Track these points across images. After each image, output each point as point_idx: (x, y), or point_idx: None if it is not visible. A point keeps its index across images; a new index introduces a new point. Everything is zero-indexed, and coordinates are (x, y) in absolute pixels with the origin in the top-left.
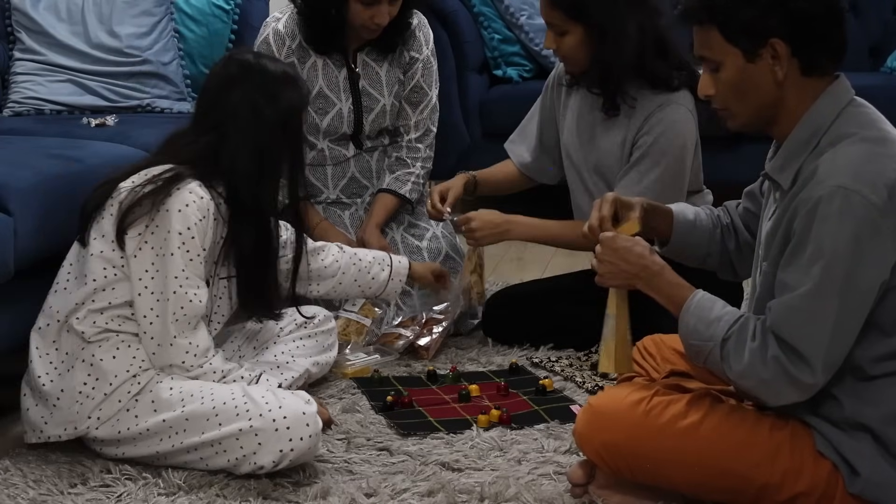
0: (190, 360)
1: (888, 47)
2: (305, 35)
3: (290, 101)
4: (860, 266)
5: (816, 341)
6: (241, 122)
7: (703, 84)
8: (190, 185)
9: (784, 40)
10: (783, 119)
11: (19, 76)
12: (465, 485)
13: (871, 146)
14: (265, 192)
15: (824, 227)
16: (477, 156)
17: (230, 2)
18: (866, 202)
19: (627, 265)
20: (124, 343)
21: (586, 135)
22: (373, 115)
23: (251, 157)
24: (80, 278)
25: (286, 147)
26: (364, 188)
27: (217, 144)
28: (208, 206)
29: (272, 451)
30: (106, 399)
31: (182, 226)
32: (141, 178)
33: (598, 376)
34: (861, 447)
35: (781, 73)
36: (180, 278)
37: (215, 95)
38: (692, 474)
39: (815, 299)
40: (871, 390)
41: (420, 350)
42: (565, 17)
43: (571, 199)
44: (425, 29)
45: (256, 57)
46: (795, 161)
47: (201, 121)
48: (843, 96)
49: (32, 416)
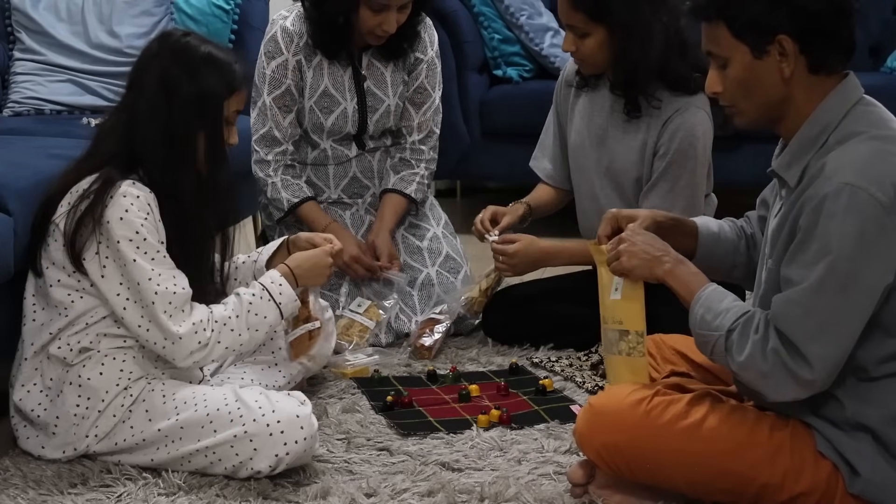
0: (203, 336)
1: (888, 47)
2: (312, 38)
3: (210, 84)
4: (864, 264)
5: (814, 337)
6: (152, 97)
7: (710, 81)
8: (122, 189)
9: (791, 37)
10: (791, 117)
11: (19, 76)
12: (465, 485)
13: (879, 144)
14: (178, 181)
15: (830, 224)
16: (477, 156)
17: (230, 2)
18: (873, 200)
19: (654, 250)
20: (108, 357)
21: (596, 137)
22: (377, 116)
23: (162, 140)
24: (47, 309)
25: (202, 134)
26: (365, 188)
27: (130, 127)
28: (147, 200)
29: (268, 455)
30: (101, 416)
31: (130, 232)
32: (73, 197)
33: (598, 376)
34: (861, 447)
35: (789, 70)
36: (154, 279)
37: (135, 72)
38: (692, 474)
39: (817, 295)
40: (874, 391)
41: (422, 350)
42: (588, 19)
43: (576, 203)
44: (430, 30)
45: (183, 34)
46: (803, 158)
47: (120, 102)
48: (852, 94)
49: (31, 444)
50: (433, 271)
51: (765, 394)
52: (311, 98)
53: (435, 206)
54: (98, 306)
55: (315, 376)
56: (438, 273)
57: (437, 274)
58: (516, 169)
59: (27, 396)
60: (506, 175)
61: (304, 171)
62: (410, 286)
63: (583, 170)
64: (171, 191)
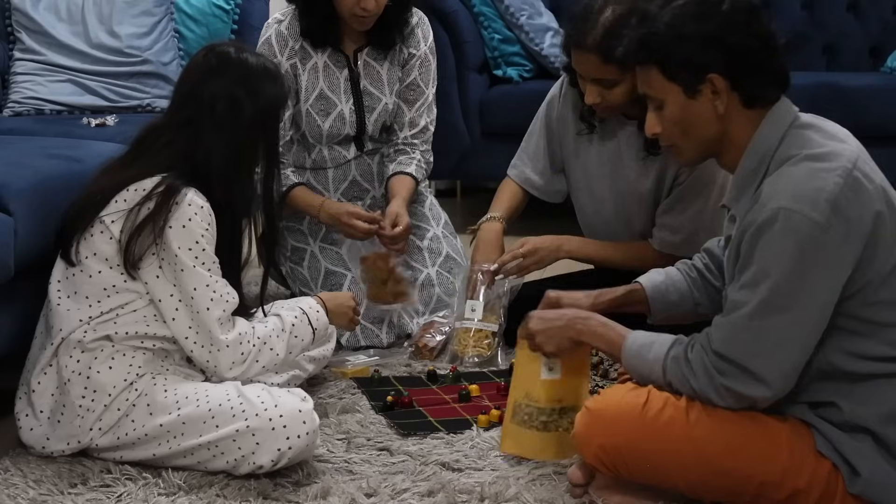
0: (246, 348)
1: (888, 47)
2: (302, 27)
3: (270, 96)
4: (806, 283)
5: (762, 356)
6: (219, 116)
7: (649, 123)
8: (188, 196)
9: (722, 75)
10: (731, 151)
11: (19, 76)
12: (465, 485)
13: (811, 163)
14: (239, 191)
15: (768, 249)
16: (477, 156)
17: (230, 2)
18: (808, 220)
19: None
20: (119, 353)
21: (610, 162)
22: (375, 115)
23: (227, 154)
24: (74, 297)
25: (263, 145)
26: (365, 191)
27: (193, 140)
28: (209, 212)
29: (270, 450)
30: (106, 410)
31: (190, 241)
32: (132, 195)
33: (598, 377)
34: (862, 447)
35: (722, 106)
36: (211, 285)
37: (193, 88)
38: (691, 474)
39: (763, 317)
40: (868, 392)
41: (424, 351)
42: (620, 70)
43: (580, 220)
44: (424, 26)
45: (238, 50)
46: (748, 190)
47: (176, 114)
48: (785, 118)
49: (35, 436)
50: (433, 272)
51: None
52: (308, 101)
53: (435, 206)
54: (133, 301)
55: (315, 376)
56: (438, 273)
57: (437, 274)
58: None
59: (45, 379)
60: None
61: (304, 175)
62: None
63: (592, 192)
64: (230, 200)
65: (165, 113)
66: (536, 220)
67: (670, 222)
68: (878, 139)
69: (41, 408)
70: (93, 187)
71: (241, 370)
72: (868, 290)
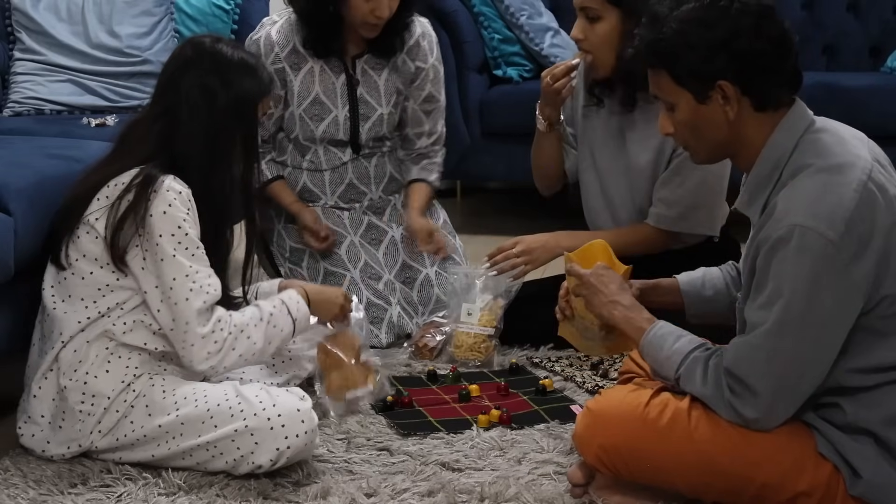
0: (220, 336)
1: (888, 47)
2: (304, 36)
3: (246, 87)
4: (821, 303)
5: (775, 377)
6: (193, 104)
7: (661, 123)
8: (165, 183)
9: (732, 82)
10: (745, 153)
11: (19, 76)
12: (465, 485)
13: (826, 177)
14: (217, 180)
15: (783, 267)
16: (477, 156)
17: (230, 2)
18: (823, 239)
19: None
20: (114, 355)
21: (616, 138)
22: (369, 124)
23: (203, 141)
24: (69, 301)
25: (239, 136)
26: (362, 194)
27: (170, 130)
28: (188, 197)
29: (269, 449)
30: (105, 413)
31: (172, 226)
32: (112, 190)
33: (598, 376)
34: (863, 449)
35: (732, 112)
36: (191, 275)
37: (169, 78)
38: (692, 475)
39: (776, 338)
40: (873, 396)
41: (424, 351)
42: (604, 1)
43: (583, 200)
44: (430, 37)
45: (214, 41)
46: (761, 196)
47: (154, 106)
48: (800, 124)
49: (35, 441)
50: (432, 271)
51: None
52: (300, 106)
53: (435, 205)
54: (130, 298)
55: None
56: (438, 273)
57: (437, 274)
58: (516, 169)
59: (45, 384)
60: (506, 175)
61: (301, 175)
62: (409, 286)
63: (598, 169)
64: (207, 190)
65: (145, 107)
66: (534, 219)
67: (667, 196)
68: (878, 139)
69: (42, 413)
70: (78, 188)
71: (218, 360)
72: (884, 304)
